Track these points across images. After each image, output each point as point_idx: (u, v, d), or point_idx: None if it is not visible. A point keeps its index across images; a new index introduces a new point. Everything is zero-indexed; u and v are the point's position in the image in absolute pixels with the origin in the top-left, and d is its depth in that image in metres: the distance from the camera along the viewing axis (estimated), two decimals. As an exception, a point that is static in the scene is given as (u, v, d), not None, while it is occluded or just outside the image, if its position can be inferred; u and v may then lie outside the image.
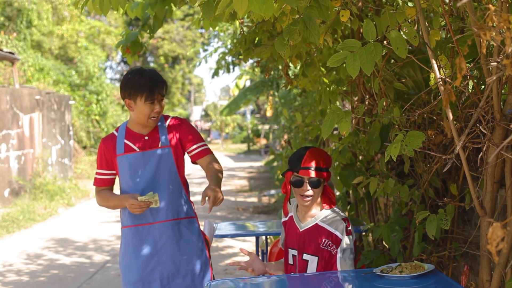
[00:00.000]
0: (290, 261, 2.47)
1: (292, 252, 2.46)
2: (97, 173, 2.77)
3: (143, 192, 2.65)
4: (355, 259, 2.38)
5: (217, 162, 2.75)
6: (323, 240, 2.34)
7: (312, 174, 2.36)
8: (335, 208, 2.43)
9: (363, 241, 3.45)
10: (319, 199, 2.43)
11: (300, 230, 2.44)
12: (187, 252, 2.72)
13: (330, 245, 2.33)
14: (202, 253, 2.77)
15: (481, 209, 2.00)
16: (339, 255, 2.31)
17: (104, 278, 5.50)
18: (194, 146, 2.74)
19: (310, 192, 2.38)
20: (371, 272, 2.17)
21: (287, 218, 2.56)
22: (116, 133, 2.75)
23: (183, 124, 2.77)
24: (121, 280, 2.76)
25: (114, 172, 2.75)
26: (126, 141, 2.71)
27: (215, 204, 2.45)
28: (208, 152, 2.77)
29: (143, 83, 2.59)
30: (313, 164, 2.37)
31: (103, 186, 2.77)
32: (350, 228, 2.36)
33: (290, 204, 2.58)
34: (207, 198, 2.46)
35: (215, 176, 2.64)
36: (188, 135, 2.74)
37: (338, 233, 2.33)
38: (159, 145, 2.70)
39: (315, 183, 2.36)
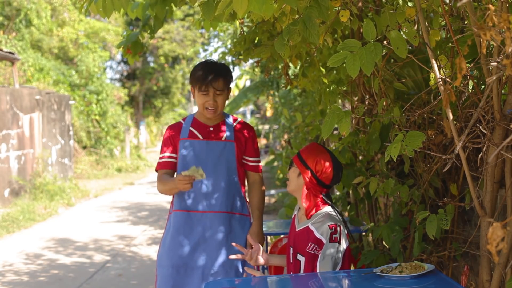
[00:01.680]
0: (290, 259, 2.48)
1: (291, 250, 2.48)
2: (160, 158, 2.85)
3: (204, 179, 2.72)
4: (345, 266, 2.35)
5: (263, 184, 2.95)
6: (309, 244, 2.33)
7: (295, 158, 2.47)
8: (331, 212, 2.40)
9: (363, 241, 3.45)
10: (306, 199, 2.40)
11: (296, 230, 2.45)
12: (234, 247, 2.75)
13: (317, 249, 2.32)
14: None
15: (481, 209, 2.00)
16: (319, 259, 2.30)
17: (104, 278, 5.50)
18: (253, 159, 2.91)
19: (288, 174, 2.49)
20: (371, 272, 2.16)
21: (293, 216, 2.58)
22: (182, 122, 2.88)
23: (253, 131, 2.93)
24: (159, 261, 2.78)
25: (177, 156, 2.82)
26: (191, 128, 2.83)
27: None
28: (260, 169, 2.95)
29: (200, 74, 2.72)
30: (300, 150, 2.49)
31: (165, 169, 2.82)
32: (336, 235, 2.30)
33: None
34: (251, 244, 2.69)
35: (259, 210, 2.87)
36: (254, 144, 2.91)
37: (323, 239, 2.31)
38: (223, 138, 2.82)
39: (289, 166, 2.48)
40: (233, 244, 2.61)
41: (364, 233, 3.38)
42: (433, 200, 2.62)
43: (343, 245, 2.33)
